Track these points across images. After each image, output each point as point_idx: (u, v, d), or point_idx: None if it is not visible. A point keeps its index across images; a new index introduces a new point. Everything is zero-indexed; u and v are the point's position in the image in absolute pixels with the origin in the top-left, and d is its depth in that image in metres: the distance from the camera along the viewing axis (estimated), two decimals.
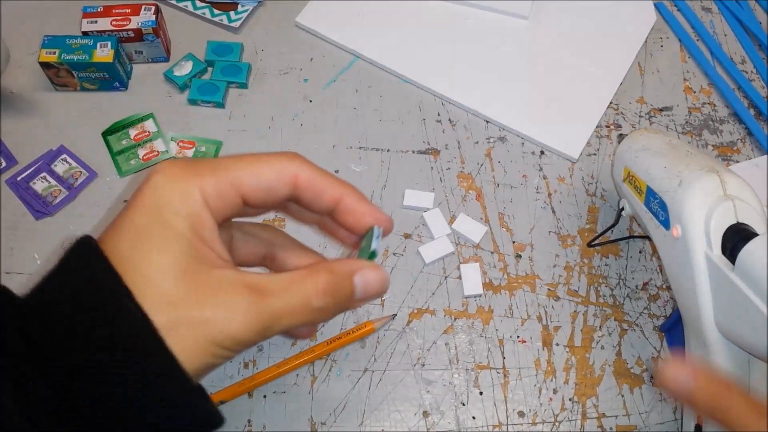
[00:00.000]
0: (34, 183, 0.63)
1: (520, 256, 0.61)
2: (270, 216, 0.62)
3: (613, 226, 0.60)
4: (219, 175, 0.30)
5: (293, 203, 0.34)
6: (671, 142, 0.52)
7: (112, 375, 0.26)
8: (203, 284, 0.28)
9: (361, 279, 0.32)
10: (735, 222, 0.44)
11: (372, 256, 0.33)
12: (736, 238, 0.43)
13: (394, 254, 0.61)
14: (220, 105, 0.68)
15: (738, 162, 0.66)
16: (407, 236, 0.62)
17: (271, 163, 0.31)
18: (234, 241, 0.35)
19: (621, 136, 0.56)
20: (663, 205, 0.48)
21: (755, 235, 0.42)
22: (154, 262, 0.28)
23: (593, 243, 0.61)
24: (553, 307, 0.59)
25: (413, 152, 0.66)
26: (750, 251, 0.40)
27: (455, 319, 0.58)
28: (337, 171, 0.65)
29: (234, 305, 0.28)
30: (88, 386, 0.26)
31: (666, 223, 0.48)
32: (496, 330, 0.58)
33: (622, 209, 0.56)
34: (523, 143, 0.67)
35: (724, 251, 0.44)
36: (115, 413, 0.26)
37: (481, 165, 0.65)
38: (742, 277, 0.41)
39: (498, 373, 0.57)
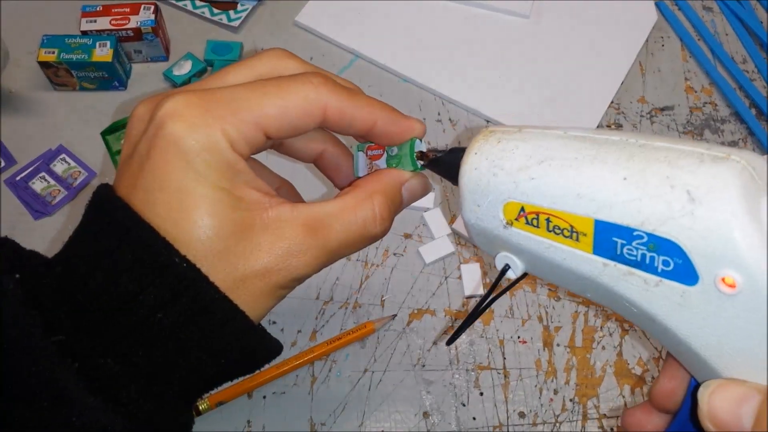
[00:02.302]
0: (33, 183, 0.63)
1: None
2: None
3: (485, 303, 0.34)
4: (242, 116, 0.27)
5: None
6: (572, 135, 0.29)
7: (191, 342, 0.26)
8: (261, 232, 0.27)
9: (408, 188, 0.32)
10: None
11: (416, 167, 0.33)
12: None
13: (394, 254, 0.61)
14: None
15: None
16: (407, 236, 0.62)
17: (296, 94, 0.28)
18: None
19: (434, 156, 0.33)
20: (666, 245, 0.26)
21: None
22: (201, 223, 0.26)
23: (449, 341, 0.35)
24: (553, 307, 0.59)
25: None
26: None
27: (455, 319, 0.58)
28: None
29: (294, 249, 0.27)
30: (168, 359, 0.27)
31: (684, 274, 0.26)
32: (497, 330, 0.58)
33: (506, 270, 0.32)
34: None
35: None
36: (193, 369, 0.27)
37: None
38: None
39: (498, 373, 0.56)
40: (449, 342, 0.34)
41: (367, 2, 0.73)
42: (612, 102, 0.69)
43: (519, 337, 0.58)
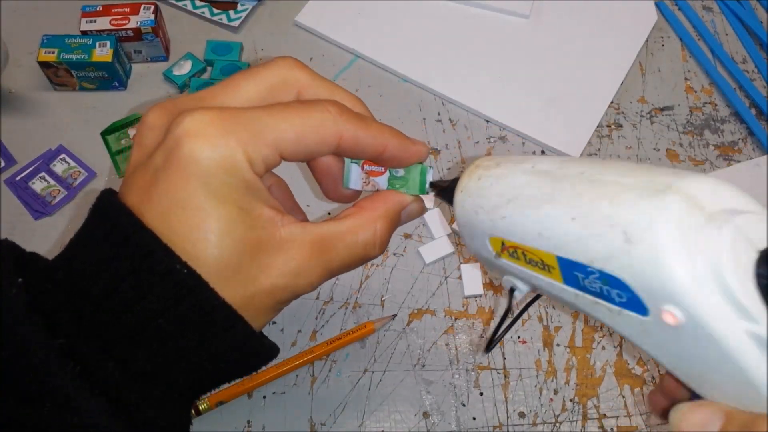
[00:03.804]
0: (33, 183, 0.63)
1: None
2: None
3: (508, 316, 0.35)
4: (261, 137, 0.28)
5: None
6: (538, 169, 0.30)
7: (199, 354, 0.27)
8: (271, 252, 0.28)
9: (407, 212, 0.34)
10: (765, 248, 0.25)
11: (422, 191, 0.34)
12: None
13: (394, 254, 0.61)
14: None
15: (739, 161, 0.66)
16: (407, 236, 0.62)
17: (314, 121, 0.29)
18: None
19: (440, 187, 0.34)
20: (614, 281, 0.26)
21: None
22: (219, 243, 0.26)
23: (491, 347, 0.39)
24: (553, 307, 0.59)
25: None
26: None
27: (456, 319, 0.58)
28: None
29: (302, 269, 0.29)
30: (177, 370, 0.28)
31: (636, 306, 0.27)
32: None
33: (513, 290, 0.33)
34: (523, 143, 0.67)
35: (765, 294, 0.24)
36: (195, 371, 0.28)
37: None
38: None
39: (498, 373, 0.56)
40: (487, 349, 0.46)
41: (367, 2, 0.73)
42: (612, 102, 0.69)
43: (519, 337, 0.58)
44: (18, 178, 0.63)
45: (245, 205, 0.27)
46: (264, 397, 0.55)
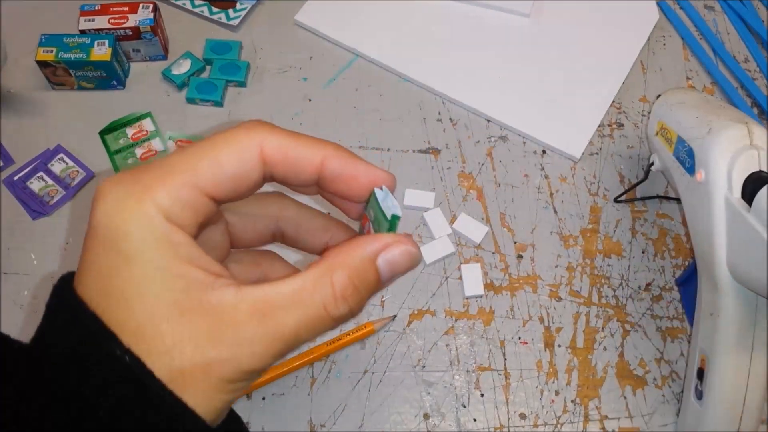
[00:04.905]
0: (31, 183, 0.62)
1: (521, 256, 0.61)
2: None
3: (641, 181, 0.62)
4: (171, 181, 0.24)
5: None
6: (706, 98, 0.56)
7: None
8: (200, 318, 0.24)
9: (385, 260, 0.26)
10: (758, 170, 0.46)
11: (392, 223, 0.26)
12: (756, 185, 0.45)
13: None
14: (219, 104, 0.67)
15: None
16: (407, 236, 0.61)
17: (228, 144, 0.25)
18: (232, 228, 0.30)
19: (659, 96, 0.59)
20: (690, 152, 0.50)
21: None
22: (136, 309, 0.24)
23: (619, 198, 0.63)
24: (554, 308, 0.59)
25: (413, 152, 0.66)
26: (765, 192, 0.43)
27: (456, 320, 0.58)
28: None
29: (241, 337, 0.24)
30: None
31: (691, 170, 0.50)
32: (498, 331, 0.58)
33: (652, 164, 0.58)
34: (524, 142, 0.66)
35: (744, 196, 0.46)
36: None
37: (482, 164, 0.65)
38: (757, 217, 0.43)
39: (499, 374, 0.56)
40: (617, 199, 0.63)
41: (366, 1, 0.73)
42: (613, 101, 0.68)
43: (520, 338, 0.57)
44: (16, 177, 0.63)
45: (162, 263, 0.24)
46: (263, 398, 0.55)
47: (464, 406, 0.55)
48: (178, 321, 0.24)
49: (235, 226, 0.30)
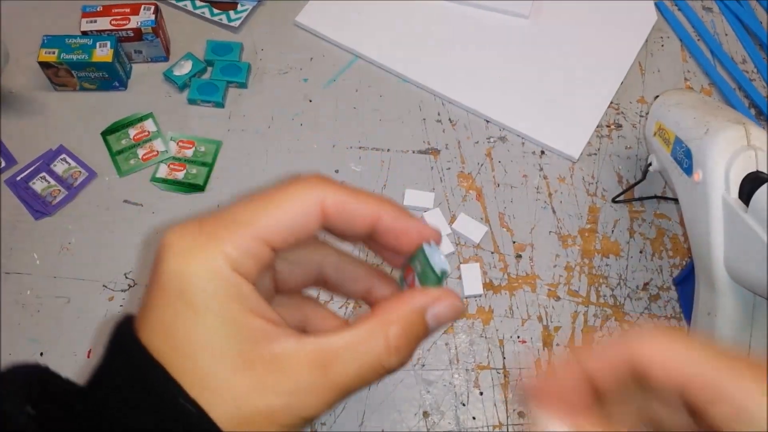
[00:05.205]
0: (34, 183, 0.63)
1: (520, 256, 0.61)
2: None
3: (639, 181, 0.63)
4: (239, 233, 0.26)
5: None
6: (704, 99, 0.56)
7: None
8: (264, 368, 0.25)
9: (434, 314, 0.28)
10: (755, 170, 0.47)
11: (441, 278, 0.28)
12: (754, 185, 0.45)
13: None
14: (220, 105, 0.67)
15: None
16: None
17: (291, 198, 0.27)
18: (278, 274, 0.31)
19: (656, 97, 0.59)
20: (688, 153, 0.51)
21: None
22: (203, 359, 0.24)
23: (617, 198, 0.64)
24: (553, 307, 0.59)
25: (413, 152, 0.66)
26: (763, 192, 0.44)
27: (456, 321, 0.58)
28: (337, 171, 0.65)
29: (302, 386, 0.25)
30: None
31: (689, 170, 0.51)
32: (497, 330, 0.58)
33: (650, 164, 0.58)
34: (523, 143, 0.67)
35: (741, 196, 0.47)
36: None
37: (482, 165, 0.65)
38: (755, 217, 0.44)
39: (498, 373, 0.56)
40: (614, 200, 0.63)
41: (366, 3, 0.73)
42: (612, 102, 0.69)
43: (519, 337, 0.58)
44: (18, 178, 0.63)
45: (229, 315, 0.25)
46: None
47: (463, 405, 0.55)
48: (243, 371, 0.25)
49: (281, 272, 0.31)
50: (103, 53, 0.65)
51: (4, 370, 0.27)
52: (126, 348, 0.26)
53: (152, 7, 0.67)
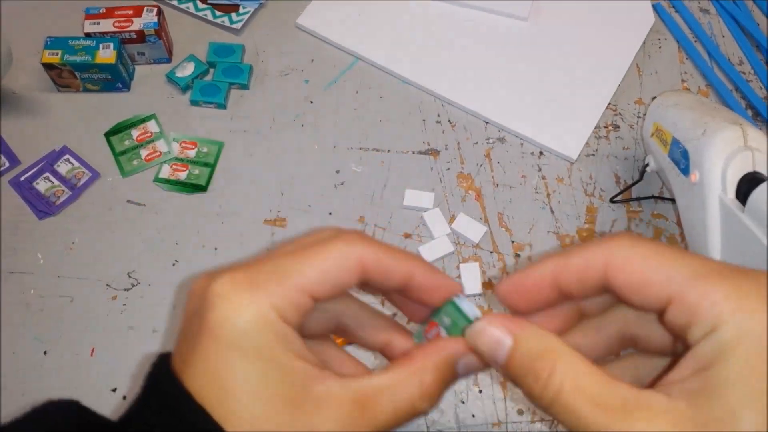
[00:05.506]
0: (37, 183, 0.64)
1: (519, 255, 0.62)
2: None
3: (637, 182, 0.63)
4: (286, 284, 0.27)
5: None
6: (701, 100, 0.56)
7: None
8: (308, 409, 0.27)
9: (464, 363, 0.30)
10: (752, 171, 0.48)
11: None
12: (751, 185, 0.46)
13: None
14: (222, 106, 0.68)
15: None
16: (407, 236, 0.62)
17: (334, 252, 0.29)
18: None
19: (654, 98, 0.59)
20: (685, 153, 0.52)
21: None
22: (252, 403, 0.26)
23: (615, 199, 0.64)
24: None
25: (413, 153, 0.67)
26: (760, 192, 0.45)
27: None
28: (337, 171, 0.65)
29: (343, 427, 0.27)
30: None
31: (686, 171, 0.52)
32: None
33: (647, 165, 0.59)
34: (522, 144, 0.67)
35: (738, 197, 0.47)
36: None
37: (481, 165, 0.66)
38: (752, 217, 0.45)
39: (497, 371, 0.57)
40: (612, 200, 0.64)
41: (367, 5, 0.74)
42: (609, 103, 0.69)
43: None
44: (22, 178, 0.64)
45: (278, 360, 0.26)
46: None
47: (463, 403, 0.56)
48: (291, 413, 0.26)
49: (308, 319, 0.33)
50: (106, 55, 0.65)
51: (39, 406, 0.28)
52: (166, 390, 0.27)
53: (155, 10, 0.68)
